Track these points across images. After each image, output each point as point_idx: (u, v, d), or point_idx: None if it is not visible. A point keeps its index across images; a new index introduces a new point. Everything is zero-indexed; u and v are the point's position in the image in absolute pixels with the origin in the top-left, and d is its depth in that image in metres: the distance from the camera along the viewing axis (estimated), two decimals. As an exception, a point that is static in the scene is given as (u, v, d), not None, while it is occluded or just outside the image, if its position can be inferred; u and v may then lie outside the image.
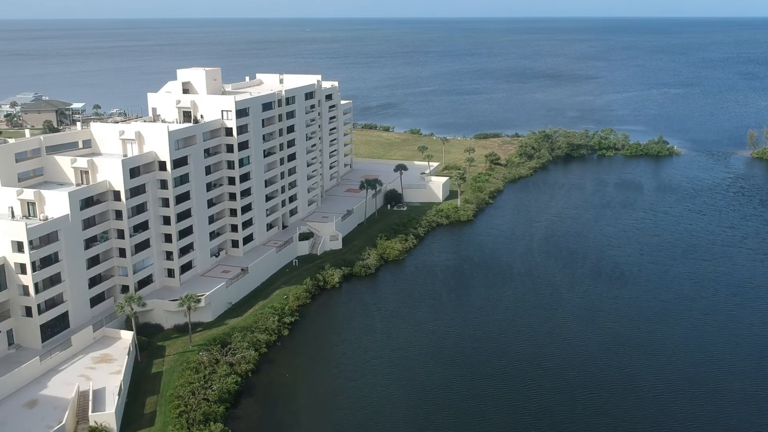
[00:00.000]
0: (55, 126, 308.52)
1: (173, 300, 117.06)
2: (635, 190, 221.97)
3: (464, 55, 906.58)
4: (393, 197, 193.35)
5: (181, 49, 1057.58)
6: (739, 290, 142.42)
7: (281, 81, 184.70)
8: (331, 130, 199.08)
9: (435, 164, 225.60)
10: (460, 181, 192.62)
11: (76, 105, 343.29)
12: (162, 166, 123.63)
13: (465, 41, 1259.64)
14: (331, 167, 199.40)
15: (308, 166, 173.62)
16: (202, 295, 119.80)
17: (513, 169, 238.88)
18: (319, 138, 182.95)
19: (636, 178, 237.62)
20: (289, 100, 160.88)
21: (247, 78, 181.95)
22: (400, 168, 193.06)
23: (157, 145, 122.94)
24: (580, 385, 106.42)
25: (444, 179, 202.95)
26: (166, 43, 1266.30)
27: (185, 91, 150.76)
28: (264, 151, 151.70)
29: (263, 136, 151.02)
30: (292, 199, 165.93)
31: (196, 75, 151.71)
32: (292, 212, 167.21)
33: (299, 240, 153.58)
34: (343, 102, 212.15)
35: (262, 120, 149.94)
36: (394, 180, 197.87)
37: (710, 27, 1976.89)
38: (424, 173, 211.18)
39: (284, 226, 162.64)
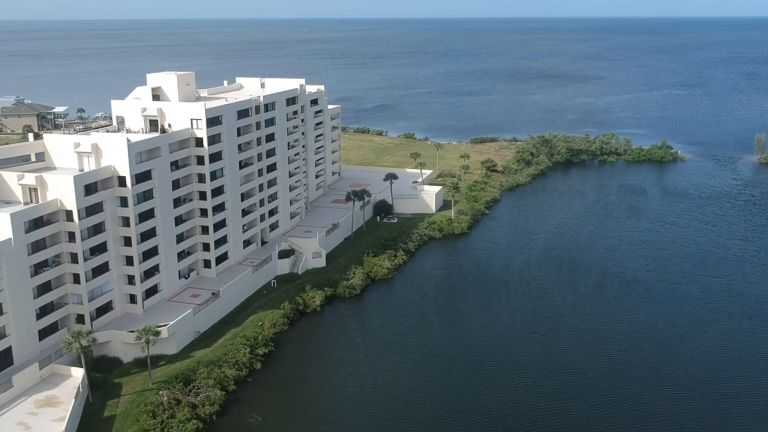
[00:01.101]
0: (36, 131, 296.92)
1: (131, 331, 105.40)
2: (639, 198, 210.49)
3: (462, 55, 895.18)
4: (383, 208, 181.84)
5: (178, 50, 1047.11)
6: (755, 312, 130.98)
7: (263, 85, 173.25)
8: (317, 137, 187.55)
9: (428, 172, 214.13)
10: (454, 191, 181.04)
11: (58, 108, 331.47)
12: (122, 181, 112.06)
13: (463, 42, 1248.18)
14: (317, 176, 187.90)
15: (291, 176, 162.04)
16: (165, 325, 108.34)
17: (510, 176, 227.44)
18: (303, 146, 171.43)
19: (640, 186, 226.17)
20: (269, 107, 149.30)
21: (226, 82, 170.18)
22: (391, 177, 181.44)
23: (116, 158, 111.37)
24: (584, 424, 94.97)
25: (437, 189, 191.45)
26: (163, 44, 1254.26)
27: (155, 97, 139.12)
28: (240, 162, 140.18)
29: (239, 145, 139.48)
30: (272, 212, 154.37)
31: (167, 80, 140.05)
32: (273, 227, 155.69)
33: (279, 258, 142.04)
34: (330, 107, 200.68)
35: (238, 128, 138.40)
36: (384, 190, 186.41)
37: (708, 27, 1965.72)
38: (416, 182, 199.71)
39: (264, 243, 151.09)
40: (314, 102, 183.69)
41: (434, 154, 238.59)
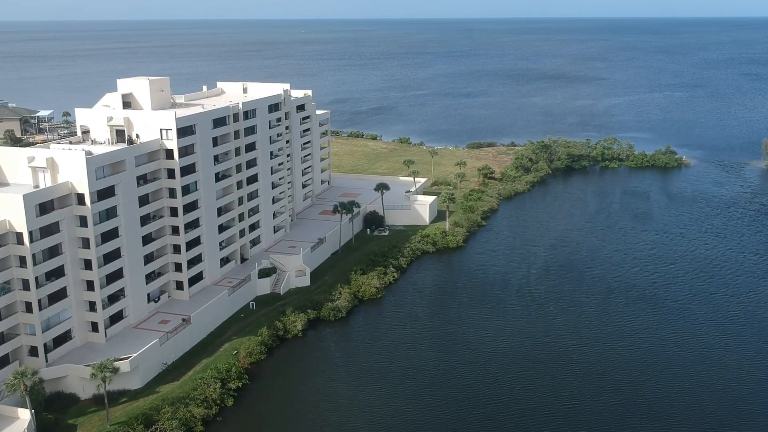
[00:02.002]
0: (18, 135, 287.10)
1: (88, 365, 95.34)
2: (644, 207, 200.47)
3: (461, 56, 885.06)
4: (373, 220, 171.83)
5: (175, 51, 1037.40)
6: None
7: (245, 90, 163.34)
8: (304, 144, 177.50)
9: (422, 180, 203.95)
10: (449, 202, 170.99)
11: (43, 113, 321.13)
12: (80, 199, 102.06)
13: (462, 42, 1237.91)
14: (304, 186, 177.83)
15: (274, 188, 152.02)
16: (127, 358, 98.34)
17: (508, 184, 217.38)
18: (288, 155, 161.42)
19: (644, 194, 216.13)
20: (249, 114, 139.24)
21: (205, 87, 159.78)
22: (381, 188, 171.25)
23: (74, 174, 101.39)
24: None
25: (431, 199, 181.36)
26: (160, 45, 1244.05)
27: (126, 104, 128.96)
28: (217, 174, 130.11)
29: (216, 156, 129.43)
30: (253, 227, 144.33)
31: (138, 86, 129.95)
32: (255, 242, 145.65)
33: (259, 277, 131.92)
34: (319, 112, 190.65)
35: (214, 138, 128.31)
36: (376, 200, 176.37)
37: (708, 27, 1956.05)
38: (409, 191, 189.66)
39: (244, 260, 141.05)
40: (301, 108, 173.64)
41: (429, 160, 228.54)
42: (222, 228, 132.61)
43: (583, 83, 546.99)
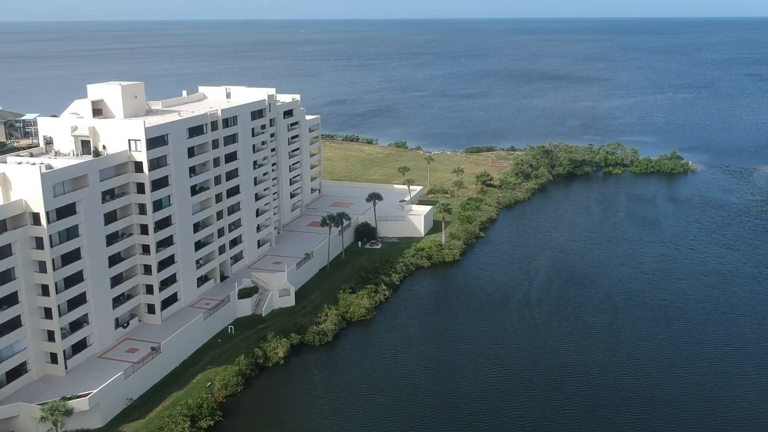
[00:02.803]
0: (2, 140, 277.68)
1: (41, 404, 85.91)
2: (651, 217, 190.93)
3: (461, 57, 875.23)
4: (365, 232, 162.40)
5: (173, 52, 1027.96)
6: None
7: (228, 95, 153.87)
8: (292, 152, 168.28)
9: (418, 188, 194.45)
10: (445, 213, 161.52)
11: (29, 116, 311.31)
12: (36, 218, 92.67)
13: (462, 42, 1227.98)
14: (292, 196, 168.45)
15: (258, 199, 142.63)
16: (86, 395, 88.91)
17: (508, 191, 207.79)
18: (274, 164, 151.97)
19: (650, 202, 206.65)
20: (229, 122, 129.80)
21: (185, 93, 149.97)
22: (374, 198, 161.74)
23: (28, 191, 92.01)
24: None
25: (426, 209, 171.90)
26: (159, 45, 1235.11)
27: (97, 112, 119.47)
28: (193, 187, 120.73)
29: (192, 168, 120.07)
30: (235, 242, 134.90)
31: (110, 92, 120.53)
32: (237, 258, 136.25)
33: (239, 298, 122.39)
34: (309, 117, 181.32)
35: (190, 148, 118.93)
36: (368, 210, 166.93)
37: (707, 27, 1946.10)
38: (403, 201, 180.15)
39: (224, 278, 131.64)
40: (288, 113, 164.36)
41: (426, 166, 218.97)
42: (199, 245, 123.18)
43: (585, 84, 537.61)
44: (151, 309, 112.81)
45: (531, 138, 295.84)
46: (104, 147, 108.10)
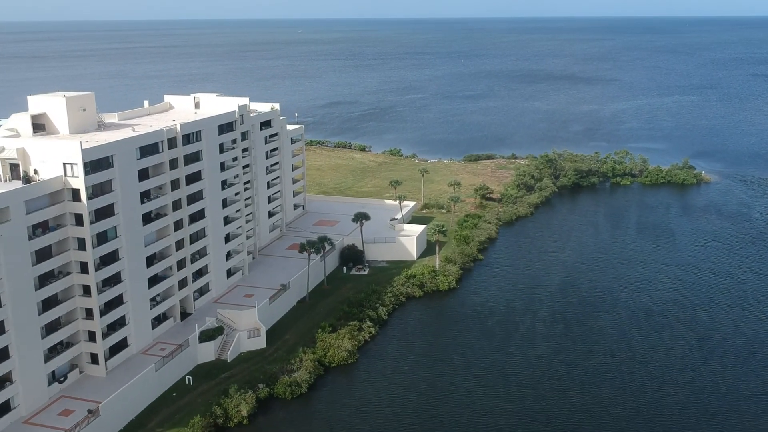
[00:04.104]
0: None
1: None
2: (665, 235, 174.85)
3: (461, 57, 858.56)
4: (351, 256, 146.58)
5: (170, 51, 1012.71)
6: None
7: (197, 105, 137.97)
8: (271, 166, 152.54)
9: (410, 204, 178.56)
10: (439, 235, 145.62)
11: None
12: (-61, 262, 76.96)
13: (462, 42, 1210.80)
14: (271, 215, 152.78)
15: (228, 223, 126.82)
16: (-4, 480, 73.19)
17: (509, 206, 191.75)
18: (248, 182, 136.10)
19: (662, 217, 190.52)
20: (192, 137, 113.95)
21: (146, 103, 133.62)
22: (361, 218, 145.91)
23: (-70, 229, 76.25)
24: None
25: (420, 229, 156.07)
26: (156, 45, 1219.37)
27: (38, 127, 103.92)
28: (147, 215, 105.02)
29: (145, 193, 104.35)
30: (200, 273, 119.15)
31: (53, 104, 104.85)
32: (202, 291, 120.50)
33: (201, 341, 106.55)
34: (291, 127, 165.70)
35: (142, 171, 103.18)
36: (356, 230, 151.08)
37: (710, 26, 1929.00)
38: (394, 219, 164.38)
39: (187, 315, 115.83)
40: (266, 124, 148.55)
41: (420, 177, 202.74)
42: (155, 280, 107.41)
43: (588, 85, 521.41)
44: (94, 359, 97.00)
45: (533, 144, 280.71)
46: (35, 172, 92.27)
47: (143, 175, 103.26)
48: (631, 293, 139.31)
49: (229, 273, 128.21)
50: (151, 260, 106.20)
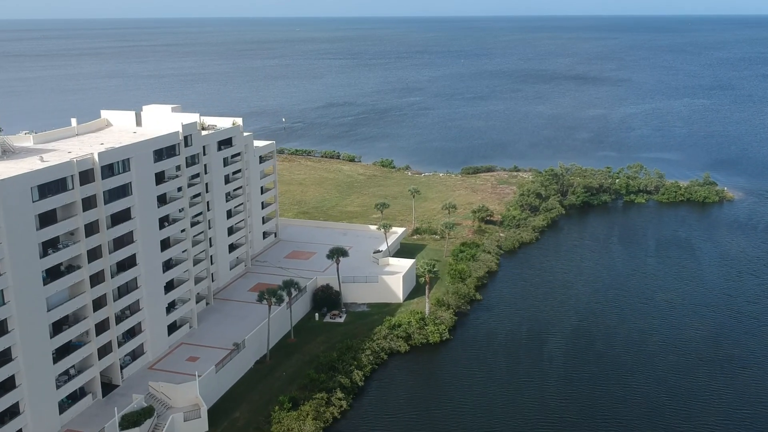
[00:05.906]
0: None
1: None
2: (691, 265, 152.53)
3: (462, 56, 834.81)
4: (325, 300, 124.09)
5: (166, 50, 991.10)
6: None
7: (139, 122, 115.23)
8: (233, 192, 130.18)
9: (399, 231, 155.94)
10: (429, 275, 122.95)
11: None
12: None
13: (464, 41, 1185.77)
14: (233, 249, 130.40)
15: (170, 268, 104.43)
16: None
17: (511, 230, 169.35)
18: (199, 215, 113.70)
19: (685, 243, 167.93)
20: (116, 168, 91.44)
21: (74, 121, 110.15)
22: (337, 255, 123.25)
23: None
24: None
25: (408, 264, 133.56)
26: (154, 44, 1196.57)
27: None
28: (54, 269, 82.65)
29: (47, 243, 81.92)
30: (131, 333, 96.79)
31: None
32: (135, 355, 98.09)
33: (122, 429, 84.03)
34: (260, 144, 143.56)
35: (43, 215, 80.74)
36: (333, 265, 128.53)
37: (714, 25, 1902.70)
38: (378, 252, 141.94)
39: (113, 387, 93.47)
40: (226, 143, 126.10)
41: (412, 197, 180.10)
42: (65, 351, 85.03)
43: (593, 87, 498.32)
44: (-27, 462, 74.81)
45: (537, 153, 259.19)
46: None
47: (46, 220, 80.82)
48: (658, 346, 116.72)
49: (173, 327, 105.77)
50: (59, 326, 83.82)
